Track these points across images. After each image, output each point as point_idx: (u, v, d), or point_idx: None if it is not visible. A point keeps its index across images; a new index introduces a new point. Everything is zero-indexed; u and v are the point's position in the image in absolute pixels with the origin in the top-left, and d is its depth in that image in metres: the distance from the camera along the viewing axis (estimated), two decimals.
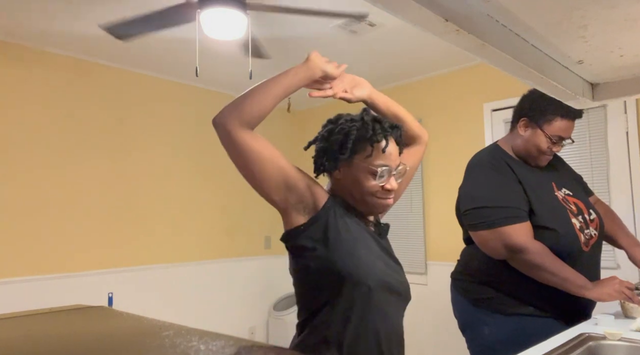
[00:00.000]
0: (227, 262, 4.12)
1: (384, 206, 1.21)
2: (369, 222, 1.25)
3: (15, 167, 3.03)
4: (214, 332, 0.82)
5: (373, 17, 2.78)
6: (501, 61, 0.85)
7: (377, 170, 1.15)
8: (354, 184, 1.18)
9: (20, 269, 2.99)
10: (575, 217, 1.64)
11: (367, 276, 1.12)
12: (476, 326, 1.69)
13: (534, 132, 1.66)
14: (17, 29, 2.91)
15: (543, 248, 1.54)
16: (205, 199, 4.02)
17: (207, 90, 4.13)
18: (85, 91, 3.38)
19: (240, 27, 2.28)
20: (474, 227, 1.65)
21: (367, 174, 1.16)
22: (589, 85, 1.17)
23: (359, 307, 1.12)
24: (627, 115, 2.87)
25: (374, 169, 1.15)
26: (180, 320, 1.02)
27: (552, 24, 0.81)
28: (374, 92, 1.38)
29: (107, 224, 3.41)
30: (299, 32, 2.93)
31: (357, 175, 1.17)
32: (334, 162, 1.19)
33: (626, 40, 0.88)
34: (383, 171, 1.15)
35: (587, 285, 1.52)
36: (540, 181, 1.69)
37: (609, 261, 2.78)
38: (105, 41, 3.11)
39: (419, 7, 0.64)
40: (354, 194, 1.19)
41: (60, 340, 0.81)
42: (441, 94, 3.71)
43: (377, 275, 1.14)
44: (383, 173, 1.15)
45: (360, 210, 1.22)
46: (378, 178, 1.15)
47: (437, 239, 3.70)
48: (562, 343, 1.29)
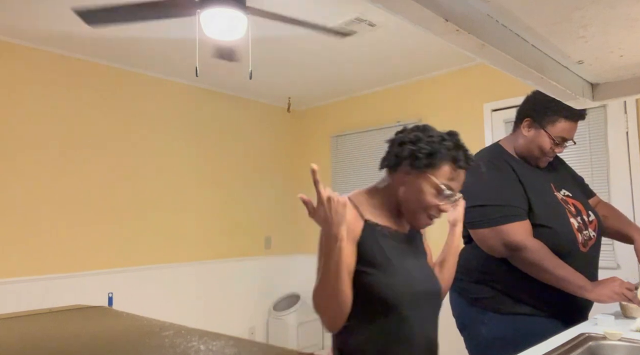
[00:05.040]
0: (227, 262, 4.12)
1: (425, 225, 1.26)
2: (402, 233, 1.29)
3: (15, 167, 3.03)
4: (214, 332, 0.82)
5: (373, 17, 2.79)
6: (501, 61, 0.85)
7: (444, 191, 1.20)
8: (415, 195, 1.22)
9: (20, 269, 2.99)
10: (573, 217, 1.64)
11: (401, 299, 1.17)
12: (474, 326, 1.70)
13: (537, 132, 1.67)
14: (17, 29, 2.91)
15: (542, 246, 1.55)
16: (205, 199, 4.02)
17: (207, 90, 4.13)
18: (86, 91, 3.38)
19: (240, 27, 2.28)
20: (473, 225, 1.65)
21: (434, 190, 1.20)
22: (589, 85, 1.17)
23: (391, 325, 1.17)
24: (627, 115, 2.87)
25: (443, 189, 1.20)
26: (180, 320, 1.02)
27: (552, 24, 0.81)
28: (459, 230, 1.45)
29: (108, 224, 3.41)
30: (299, 32, 2.93)
31: (423, 188, 1.21)
32: (412, 167, 1.22)
33: (626, 40, 0.88)
34: (449, 194, 1.21)
35: (587, 285, 1.52)
36: (540, 181, 1.70)
37: (609, 261, 2.78)
38: (105, 41, 3.11)
39: (419, 7, 0.64)
40: (409, 204, 1.24)
41: (60, 340, 0.81)
42: (441, 94, 3.71)
43: (411, 291, 1.19)
44: (447, 195, 1.21)
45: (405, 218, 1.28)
46: (440, 198, 1.21)
47: (437, 238, 3.70)
48: (562, 343, 1.29)
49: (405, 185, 1.24)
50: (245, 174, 4.35)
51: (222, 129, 4.18)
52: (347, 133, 4.39)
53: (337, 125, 4.52)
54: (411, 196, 1.23)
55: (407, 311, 1.17)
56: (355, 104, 4.39)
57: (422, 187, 1.21)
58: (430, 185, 1.20)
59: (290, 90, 4.29)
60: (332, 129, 4.55)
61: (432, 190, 1.20)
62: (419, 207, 1.22)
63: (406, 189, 1.23)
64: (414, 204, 1.22)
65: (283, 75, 3.87)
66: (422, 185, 1.21)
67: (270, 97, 4.50)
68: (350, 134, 4.36)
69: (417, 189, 1.21)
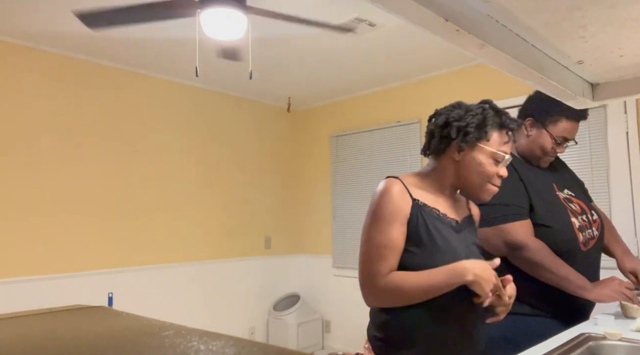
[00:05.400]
0: (227, 262, 4.12)
1: (492, 193, 1.27)
2: (452, 219, 1.29)
3: (15, 167, 3.03)
4: (214, 332, 0.82)
5: (373, 17, 2.79)
6: (501, 61, 0.85)
7: (503, 157, 1.22)
8: (474, 168, 1.23)
9: (20, 269, 2.99)
10: (576, 216, 1.64)
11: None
12: None
13: (539, 132, 1.67)
14: (18, 29, 2.91)
15: (543, 246, 1.55)
16: (205, 199, 4.02)
17: (207, 90, 4.13)
18: (85, 91, 3.38)
19: (240, 27, 2.28)
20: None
21: (491, 159, 1.23)
22: (589, 85, 1.16)
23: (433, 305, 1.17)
24: (627, 115, 2.87)
25: (500, 155, 1.22)
26: (180, 320, 1.02)
27: (552, 24, 0.81)
28: None
29: (108, 224, 3.41)
30: (299, 32, 2.93)
31: (480, 160, 1.23)
32: (465, 143, 1.22)
33: (626, 40, 0.88)
34: (506, 159, 1.23)
35: (587, 285, 1.52)
36: (542, 181, 1.70)
37: (609, 261, 2.77)
38: (105, 41, 3.11)
39: (419, 7, 0.64)
40: (470, 179, 1.25)
41: (60, 340, 0.81)
42: (441, 94, 3.71)
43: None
44: (504, 161, 1.23)
45: (466, 193, 1.30)
46: (498, 164, 1.23)
47: None
48: (562, 343, 1.29)
49: (458, 163, 1.25)
50: (245, 174, 4.35)
51: (222, 129, 4.18)
52: (347, 133, 4.39)
53: (337, 125, 4.53)
54: (470, 171, 1.24)
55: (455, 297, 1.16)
56: (355, 104, 4.39)
57: (480, 159, 1.22)
58: (487, 155, 1.22)
59: (290, 90, 4.29)
60: (332, 129, 4.55)
61: (489, 160, 1.22)
62: (482, 179, 1.23)
63: (462, 166, 1.25)
64: (476, 177, 1.24)
65: (283, 75, 3.87)
66: (479, 158, 1.22)
67: (270, 97, 4.50)
68: (350, 134, 4.36)
69: (475, 162, 1.23)
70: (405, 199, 1.21)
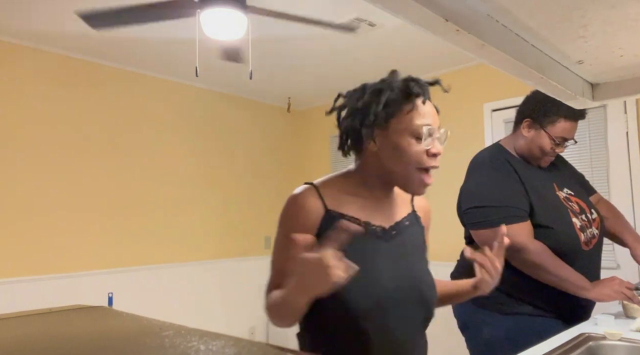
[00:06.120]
0: (227, 262, 4.12)
1: (426, 183, 1.04)
2: (377, 226, 1.08)
3: (16, 167, 3.03)
4: (214, 332, 0.82)
5: (373, 17, 2.79)
6: (501, 61, 0.85)
7: (421, 131, 1.00)
8: (395, 153, 1.02)
9: (20, 269, 2.98)
10: (576, 216, 1.64)
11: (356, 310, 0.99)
12: (475, 326, 1.70)
13: (537, 133, 1.67)
14: (18, 29, 2.91)
15: (543, 248, 1.55)
16: (205, 199, 4.02)
17: (207, 90, 4.12)
18: (86, 91, 3.38)
19: (240, 27, 2.28)
20: (475, 225, 1.65)
21: (410, 137, 1.01)
22: (589, 85, 1.16)
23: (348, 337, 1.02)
24: (627, 115, 2.87)
25: (417, 129, 1.01)
26: (180, 320, 1.02)
27: (552, 24, 0.81)
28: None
29: (107, 224, 3.40)
30: (299, 32, 2.93)
31: (398, 141, 1.02)
32: (369, 129, 1.03)
33: (626, 40, 0.88)
34: (427, 131, 1.01)
35: (587, 285, 1.52)
36: (542, 181, 1.69)
37: (609, 261, 2.78)
38: (105, 41, 3.11)
39: (419, 7, 0.64)
40: (394, 167, 1.04)
41: (60, 340, 0.81)
42: (441, 94, 3.70)
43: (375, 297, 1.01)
44: (427, 133, 1.01)
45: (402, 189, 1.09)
46: (423, 140, 1.01)
47: (437, 239, 3.70)
48: (562, 343, 1.29)
49: (379, 154, 1.05)
50: (245, 174, 4.35)
51: (222, 129, 4.18)
52: None
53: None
54: (391, 159, 1.04)
55: (369, 323, 0.98)
56: None
57: (397, 142, 1.02)
58: (403, 133, 1.02)
59: (290, 90, 4.29)
60: (332, 129, 4.51)
61: (408, 139, 1.01)
62: (406, 166, 1.02)
63: (383, 157, 1.04)
64: (398, 165, 1.03)
65: (283, 75, 3.87)
66: (395, 140, 1.02)
67: (270, 97, 4.49)
68: None
69: (393, 148, 1.03)
70: (313, 212, 1.02)
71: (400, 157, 1.02)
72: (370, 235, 1.06)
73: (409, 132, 1.02)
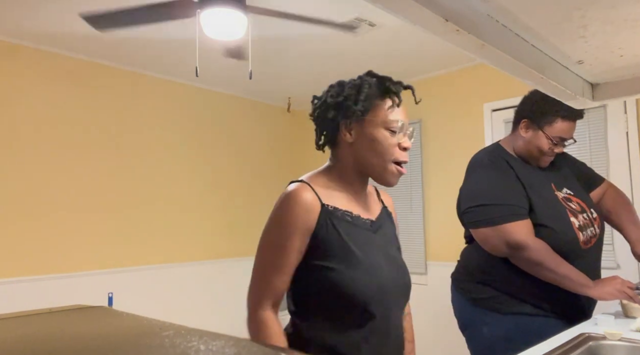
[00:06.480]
0: (228, 262, 4.12)
1: (399, 174, 1.13)
2: (366, 219, 1.16)
3: (16, 166, 3.03)
4: (214, 332, 0.82)
5: (373, 17, 2.79)
6: (501, 61, 0.85)
7: (395, 125, 1.10)
8: (371, 145, 1.11)
9: (20, 269, 2.99)
10: (575, 216, 1.64)
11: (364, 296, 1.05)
12: (476, 325, 1.70)
13: (535, 133, 1.67)
14: (19, 30, 2.91)
15: (544, 245, 1.55)
16: (205, 198, 4.02)
17: (207, 90, 4.12)
18: (85, 91, 3.38)
19: (240, 27, 2.28)
20: (475, 224, 1.65)
21: (384, 130, 1.10)
22: (589, 85, 1.16)
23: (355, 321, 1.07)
24: (627, 115, 2.87)
25: (391, 124, 1.10)
26: (180, 320, 1.02)
27: (552, 24, 0.81)
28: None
29: (107, 224, 3.41)
30: (299, 32, 2.93)
31: (373, 134, 1.10)
32: (347, 120, 1.11)
33: (626, 40, 0.88)
34: (400, 126, 1.11)
35: (589, 283, 1.52)
36: (540, 181, 1.69)
37: (609, 261, 2.78)
38: (105, 41, 3.11)
39: (419, 7, 0.64)
40: (370, 159, 1.12)
41: (60, 340, 0.81)
42: (441, 94, 3.71)
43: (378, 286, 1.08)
44: (400, 128, 1.11)
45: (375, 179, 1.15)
46: (397, 134, 1.11)
47: (437, 239, 3.70)
48: (562, 343, 1.29)
49: (354, 146, 1.12)
50: (245, 174, 4.35)
51: (222, 129, 4.18)
52: None
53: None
54: (366, 151, 1.11)
55: (374, 307, 1.06)
56: None
57: (372, 134, 1.10)
58: (378, 126, 1.10)
59: (290, 90, 4.29)
60: None
61: (383, 133, 1.10)
62: (381, 158, 1.10)
63: (359, 148, 1.12)
64: (374, 157, 1.11)
65: (283, 75, 3.87)
66: (370, 132, 1.10)
67: (270, 97, 4.49)
68: None
69: (369, 140, 1.11)
70: (312, 208, 1.06)
71: (375, 148, 1.11)
72: (361, 227, 1.13)
73: (384, 126, 1.11)
